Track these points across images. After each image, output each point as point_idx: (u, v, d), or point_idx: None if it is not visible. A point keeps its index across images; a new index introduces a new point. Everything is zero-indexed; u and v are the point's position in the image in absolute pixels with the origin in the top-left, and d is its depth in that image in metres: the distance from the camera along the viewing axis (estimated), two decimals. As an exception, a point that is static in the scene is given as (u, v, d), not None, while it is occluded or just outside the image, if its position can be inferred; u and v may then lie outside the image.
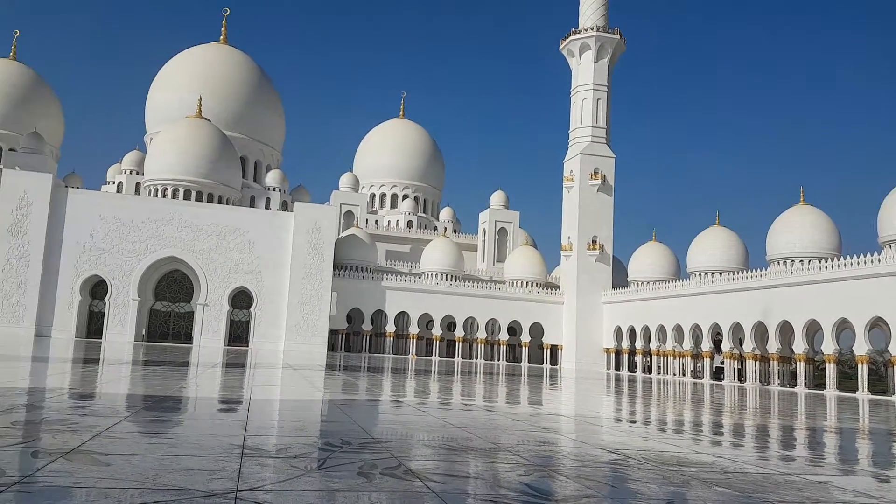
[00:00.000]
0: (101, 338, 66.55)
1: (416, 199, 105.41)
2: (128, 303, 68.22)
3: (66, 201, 68.16)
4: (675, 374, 66.80)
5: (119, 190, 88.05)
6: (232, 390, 16.42)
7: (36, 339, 55.99)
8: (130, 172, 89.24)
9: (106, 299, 68.14)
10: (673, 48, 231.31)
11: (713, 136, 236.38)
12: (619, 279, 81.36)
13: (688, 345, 64.87)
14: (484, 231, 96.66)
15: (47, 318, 66.13)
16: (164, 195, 79.30)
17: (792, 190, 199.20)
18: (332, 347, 73.14)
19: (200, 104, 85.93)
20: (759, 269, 58.52)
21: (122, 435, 8.16)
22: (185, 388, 16.12)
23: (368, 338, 77.07)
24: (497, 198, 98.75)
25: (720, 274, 64.85)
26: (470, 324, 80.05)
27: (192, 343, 68.36)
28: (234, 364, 30.62)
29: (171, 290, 72.44)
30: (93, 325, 69.07)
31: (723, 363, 63.57)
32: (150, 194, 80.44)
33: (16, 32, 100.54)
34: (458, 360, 74.62)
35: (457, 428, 11.19)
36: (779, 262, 62.32)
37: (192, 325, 71.09)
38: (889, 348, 49.12)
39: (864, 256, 48.59)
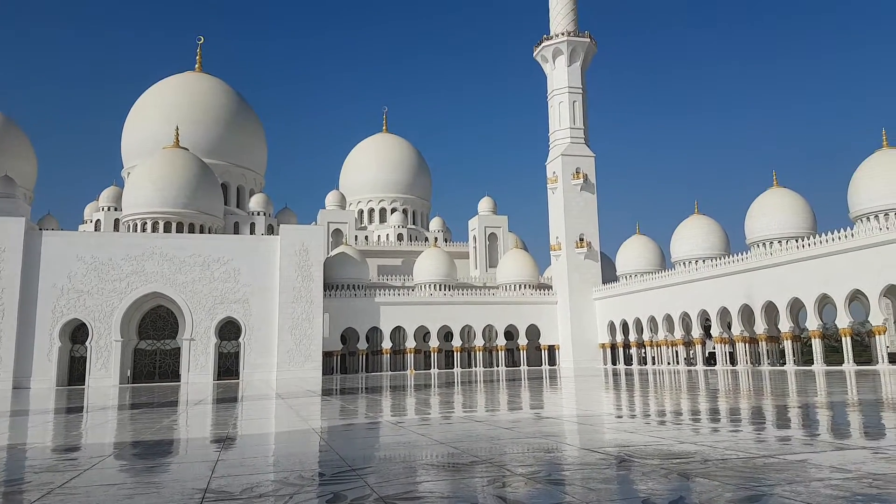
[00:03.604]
0: (83, 384, 65.10)
1: (404, 211, 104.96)
2: (110, 345, 66.84)
3: (41, 244, 66.95)
4: (669, 364, 66.74)
5: (97, 228, 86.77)
6: (208, 429, 15.91)
7: (14, 391, 54.06)
8: (108, 209, 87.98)
9: (87, 343, 66.75)
10: (642, 44, 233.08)
11: (688, 127, 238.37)
12: (609, 274, 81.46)
13: (679, 333, 64.89)
14: (474, 238, 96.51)
15: (25, 368, 64.38)
16: (143, 229, 78.30)
17: (765, 174, 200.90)
18: (328, 370, 72.14)
19: (178, 134, 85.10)
20: (740, 254, 58.73)
21: (77, 490, 7.69)
22: (158, 430, 15.59)
23: (364, 357, 76.21)
24: (485, 204, 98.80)
25: (703, 261, 65.05)
26: (467, 332, 79.66)
27: (179, 381, 67.04)
28: (219, 399, 29.98)
29: (156, 327, 71.22)
30: (74, 372, 67.48)
31: (714, 348, 63.56)
32: (129, 230, 79.37)
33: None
34: (457, 370, 74.00)
35: (441, 444, 10.78)
36: (758, 245, 62.59)
37: (179, 362, 69.85)
38: (869, 319, 49.65)
39: (839, 232, 48.98)
